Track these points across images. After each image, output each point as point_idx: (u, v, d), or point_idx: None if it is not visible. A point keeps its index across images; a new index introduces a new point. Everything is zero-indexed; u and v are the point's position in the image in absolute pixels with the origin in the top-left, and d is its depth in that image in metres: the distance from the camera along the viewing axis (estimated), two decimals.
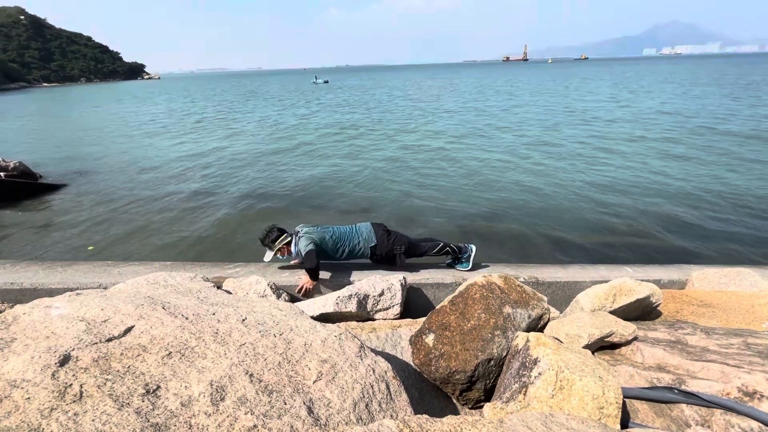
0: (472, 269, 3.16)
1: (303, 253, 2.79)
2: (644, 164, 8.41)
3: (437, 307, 2.10)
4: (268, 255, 2.98)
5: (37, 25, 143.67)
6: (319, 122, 16.84)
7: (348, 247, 2.97)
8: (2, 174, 7.36)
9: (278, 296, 2.65)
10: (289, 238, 2.96)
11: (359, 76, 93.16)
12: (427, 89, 35.78)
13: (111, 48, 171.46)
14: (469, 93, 29.51)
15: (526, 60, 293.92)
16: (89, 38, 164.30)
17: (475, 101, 23.25)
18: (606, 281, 2.50)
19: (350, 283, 2.79)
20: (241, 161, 9.97)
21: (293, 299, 2.76)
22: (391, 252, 3.02)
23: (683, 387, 1.46)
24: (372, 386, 1.38)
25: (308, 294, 2.79)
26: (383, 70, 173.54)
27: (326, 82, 57.48)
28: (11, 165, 7.80)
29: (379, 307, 2.57)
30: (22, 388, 1.02)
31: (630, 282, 2.34)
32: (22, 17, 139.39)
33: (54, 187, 7.87)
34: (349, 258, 3.02)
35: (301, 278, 2.82)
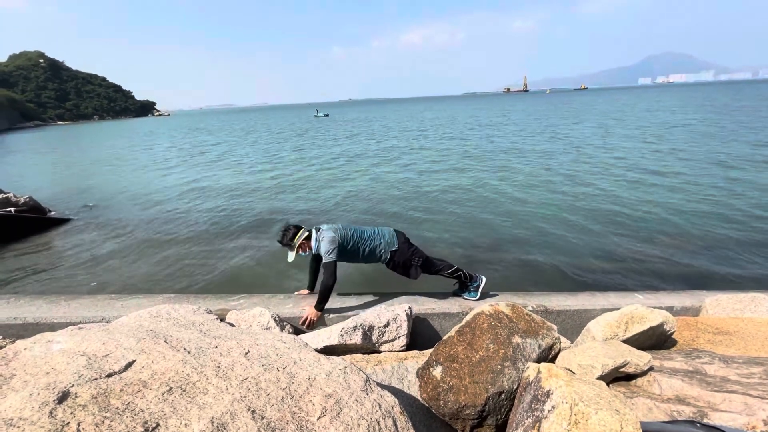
0: (479, 299, 3.11)
1: (323, 255, 2.74)
2: (649, 190, 8.42)
3: (444, 337, 2.05)
4: (291, 255, 2.89)
5: (55, 68, 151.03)
6: (316, 154, 17.20)
7: (369, 247, 2.92)
8: (12, 209, 7.50)
9: (282, 328, 2.60)
10: (307, 233, 2.89)
11: (360, 109, 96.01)
12: (427, 122, 36.65)
13: (124, 87, 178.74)
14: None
15: (527, 91, 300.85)
16: (104, 79, 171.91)
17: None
18: (617, 309, 2.45)
19: (355, 314, 2.75)
20: (243, 193, 10.11)
21: (297, 331, 2.71)
22: (409, 261, 2.98)
23: (705, 420, 1.39)
24: (378, 422, 1.33)
25: (312, 326, 2.74)
26: (385, 103, 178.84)
27: (326, 115, 59.06)
28: (22, 200, 7.96)
29: (384, 338, 2.51)
30: (18, 426, 0.99)
31: (642, 309, 2.29)
32: (42, 60, 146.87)
33: (62, 221, 7.98)
34: (368, 259, 2.97)
35: (305, 309, 2.78)
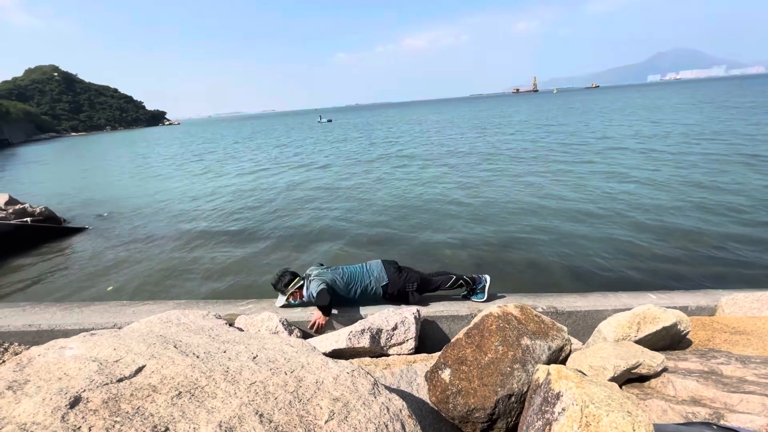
0: (487, 300, 3.09)
1: (314, 295, 2.77)
2: (662, 186, 8.28)
3: (452, 340, 2.03)
4: (281, 299, 2.97)
5: (69, 81, 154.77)
6: (321, 158, 17.31)
7: (360, 287, 2.94)
8: (29, 219, 7.68)
9: (290, 332, 2.61)
10: (301, 282, 2.94)
11: (363, 114, 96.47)
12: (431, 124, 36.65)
13: (135, 98, 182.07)
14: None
15: (536, 91, 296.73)
16: (115, 90, 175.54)
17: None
18: (629, 309, 2.41)
19: (363, 317, 2.75)
20: (250, 200, 10.20)
21: (305, 335, 2.71)
22: (403, 290, 2.97)
23: (722, 422, 1.35)
24: (386, 426, 1.32)
25: (321, 330, 2.75)
26: (390, 107, 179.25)
27: (329, 120, 59.78)
28: (37, 210, 8.15)
29: (392, 341, 2.50)
30: (31, 431, 1.01)
31: (654, 309, 2.25)
32: (56, 74, 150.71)
33: (77, 230, 8.14)
34: (361, 298, 2.99)
35: (313, 314, 2.78)
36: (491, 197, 8.60)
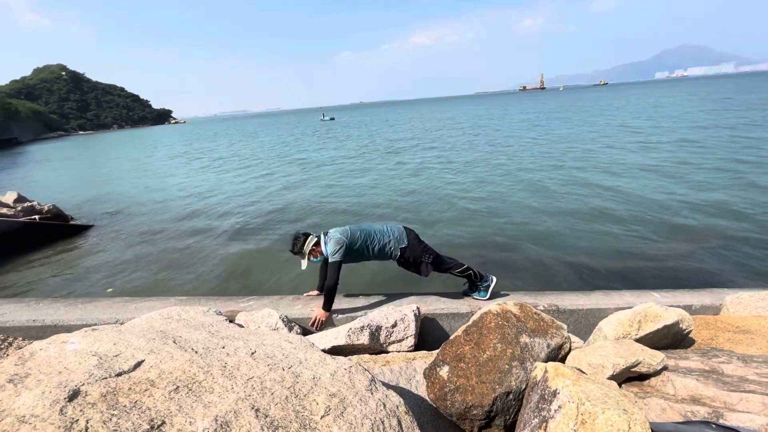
0: (489, 298, 3.08)
1: (329, 255, 2.78)
2: (666, 185, 8.19)
3: (451, 337, 2.03)
4: (303, 263, 2.93)
5: (77, 80, 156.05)
6: (327, 158, 17.34)
7: (379, 245, 2.93)
8: (37, 217, 7.77)
9: (290, 329, 2.63)
10: (316, 239, 2.94)
11: (368, 113, 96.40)
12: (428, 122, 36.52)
13: (141, 97, 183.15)
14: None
15: (544, 88, 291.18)
16: (122, 89, 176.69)
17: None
18: (631, 308, 2.39)
19: (362, 314, 2.75)
20: (254, 198, 10.24)
21: (305, 332, 2.73)
22: (419, 258, 2.98)
23: (721, 421, 1.34)
24: (383, 422, 1.32)
25: (321, 326, 2.76)
26: (394, 106, 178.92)
27: (332, 119, 59.83)
28: (45, 208, 8.25)
29: (392, 338, 2.50)
30: (30, 423, 1.02)
31: (656, 307, 2.23)
32: (64, 73, 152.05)
33: (84, 228, 8.23)
34: (379, 256, 2.98)
35: (314, 311, 2.79)
36: (492, 196, 8.56)
